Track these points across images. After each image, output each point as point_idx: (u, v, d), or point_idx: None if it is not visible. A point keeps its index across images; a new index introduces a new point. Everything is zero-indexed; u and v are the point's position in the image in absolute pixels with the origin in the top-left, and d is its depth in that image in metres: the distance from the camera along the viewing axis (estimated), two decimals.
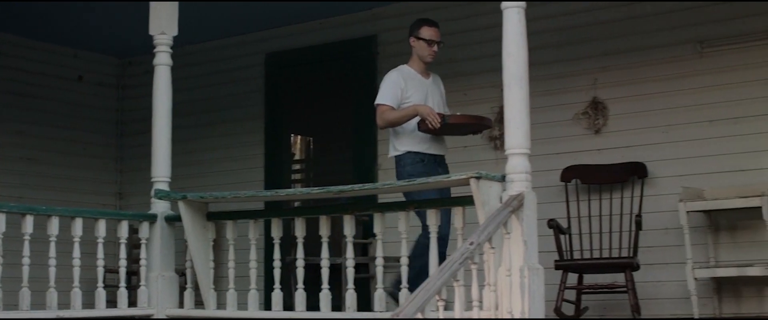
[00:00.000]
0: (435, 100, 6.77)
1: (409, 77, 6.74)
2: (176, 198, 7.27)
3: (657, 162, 7.87)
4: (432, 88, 6.82)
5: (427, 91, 6.75)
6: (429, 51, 6.77)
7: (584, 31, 8.30)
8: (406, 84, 6.69)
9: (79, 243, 7.18)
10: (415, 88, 6.70)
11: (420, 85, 6.76)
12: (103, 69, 11.05)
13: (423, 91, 6.73)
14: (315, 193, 6.66)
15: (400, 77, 6.71)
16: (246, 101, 10.19)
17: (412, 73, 6.81)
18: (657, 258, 7.76)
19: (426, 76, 6.85)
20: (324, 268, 6.72)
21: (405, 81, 6.69)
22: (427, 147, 6.70)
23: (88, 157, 10.84)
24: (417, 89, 6.71)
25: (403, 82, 6.69)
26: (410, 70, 6.82)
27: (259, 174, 10.01)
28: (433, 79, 6.94)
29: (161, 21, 7.59)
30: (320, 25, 9.71)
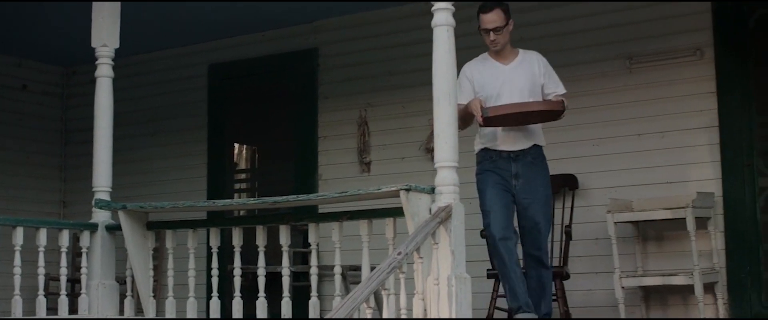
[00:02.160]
0: (517, 84, 6.19)
1: (482, 67, 6.28)
2: (116, 208, 7.40)
3: (588, 175, 8.10)
4: (515, 73, 6.23)
5: (506, 77, 6.21)
6: (488, 40, 6.22)
7: (519, 46, 8.46)
8: (478, 74, 6.26)
9: (20, 252, 7.28)
10: (490, 77, 6.22)
11: (496, 72, 6.24)
12: (47, 78, 11.10)
13: (499, 78, 6.21)
14: (251, 204, 6.82)
15: (468, 69, 6.30)
16: (189, 111, 10.30)
17: (488, 61, 6.31)
18: (587, 267, 7.99)
19: (506, 61, 6.27)
20: (260, 277, 6.87)
21: (475, 72, 6.27)
22: (496, 143, 6.23)
23: (32, 165, 10.87)
24: (493, 77, 6.22)
25: (472, 73, 6.27)
26: (486, 58, 6.33)
27: (202, 183, 10.13)
28: (521, 61, 6.30)
29: (103, 33, 7.71)
30: (263, 37, 9.85)
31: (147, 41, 10.01)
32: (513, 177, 6.19)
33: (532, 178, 6.20)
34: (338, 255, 6.55)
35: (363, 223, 6.38)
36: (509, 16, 6.24)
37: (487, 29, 6.20)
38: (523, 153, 6.23)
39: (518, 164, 6.21)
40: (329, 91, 9.48)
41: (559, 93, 6.26)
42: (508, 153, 6.22)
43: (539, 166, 6.26)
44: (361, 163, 9.22)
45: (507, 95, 6.13)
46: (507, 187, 6.17)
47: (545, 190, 6.24)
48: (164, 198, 9.28)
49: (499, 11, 6.18)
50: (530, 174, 6.22)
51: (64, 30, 9.53)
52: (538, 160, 6.28)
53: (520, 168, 6.20)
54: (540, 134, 6.32)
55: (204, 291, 7.54)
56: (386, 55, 9.10)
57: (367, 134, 9.21)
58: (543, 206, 6.19)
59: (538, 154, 6.29)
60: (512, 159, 6.21)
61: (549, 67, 6.32)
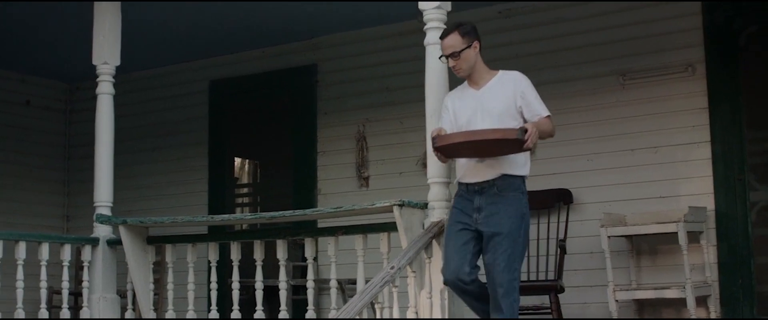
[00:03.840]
0: (490, 110, 5.58)
1: (461, 94, 5.74)
2: (117, 222, 7.53)
3: (582, 189, 8.20)
4: (487, 97, 5.62)
5: (478, 103, 5.62)
6: (449, 66, 5.75)
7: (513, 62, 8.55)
8: (457, 101, 5.72)
9: (23, 266, 7.40)
10: (462, 104, 5.68)
11: (468, 98, 5.68)
12: (50, 94, 11.21)
13: (471, 105, 5.63)
14: (248, 219, 6.96)
15: (448, 97, 5.83)
16: (190, 127, 10.42)
17: (466, 87, 5.75)
18: (581, 280, 8.08)
19: (478, 86, 5.67)
20: (258, 290, 7.00)
21: (455, 99, 5.74)
22: (464, 175, 5.68)
23: (36, 180, 10.98)
24: (465, 104, 5.67)
25: (452, 101, 5.76)
26: (464, 85, 5.78)
27: (203, 198, 10.23)
28: (495, 84, 5.68)
29: (104, 51, 7.85)
30: (263, 53, 9.97)
31: (149, 58, 10.14)
32: (474, 211, 5.55)
33: (496, 211, 5.50)
34: (334, 269, 6.67)
35: (358, 238, 6.50)
36: (473, 37, 5.65)
37: (445, 55, 5.69)
38: (489, 184, 5.55)
39: (482, 197, 5.55)
40: (328, 106, 9.60)
41: (542, 115, 5.59)
42: (473, 185, 5.60)
43: (506, 198, 5.52)
44: (359, 178, 9.33)
45: (480, 121, 5.54)
46: (467, 224, 5.56)
47: (510, 222, 5.49)
48: (166, 213, 9.40)
49: (455, 35, 5.63)
50: (493, 207, 5.51)
51: (66, 47, 9.65)
52: (505, 190, 5.54)
53: (483, 201, 5.53)
54: (512, 163, 5.57)
55: (204, 305, 7.65)
56: (384, 71, 9.21)
57: (366, 149, 9.31)
58: (504, 240, 5.45)
59: (506, 184, 5.54)
60: (476, 191, 5.58)
61: (529, 88, 5.64)
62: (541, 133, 5.51)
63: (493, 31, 8.71)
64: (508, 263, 5.44)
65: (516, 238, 5.47)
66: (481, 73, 5.67)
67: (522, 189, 5.57)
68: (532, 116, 5.56)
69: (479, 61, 5.65)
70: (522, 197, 5.55)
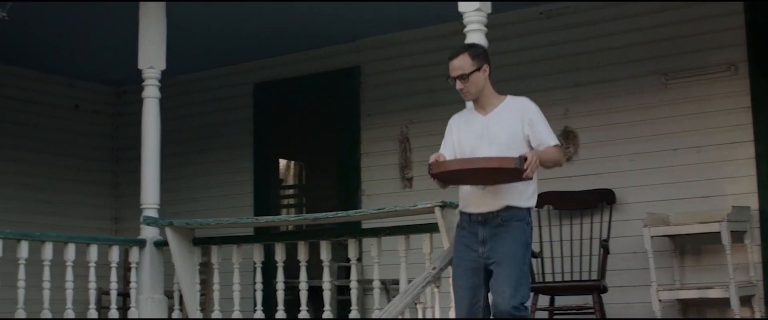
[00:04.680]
0: (495, 137, 5.28)
1: (466, 118, 5.49)
2: (163, 224, 7.64)
3: (625, 189, 8.21)
4: (493, 124, 5.32)
5: (483, 129, 5.33)
6: (457, 88, 5.42)
7: (555, 63, 8.66)
8: (462, 126, 5.47)
9: (72, 267, 7.54)
10: (467, 129, 5.41)
11: (475, 125, 5.38)
12: (98, 97, 11.36)
13: (477, 131, 5.35)
14: (292, 220, 7.04)
15: (452, 121, 5.57)
16: (235, 129, 10.53)
17: (472, 112, 5.49)
18: (625, 280, 8.09)
19: (485, 111, 5.37)
20: (302, 291, 7.08)
21: (461, 124, 5.48)
22: (466, 204, 5.41)
23: (85, 182, 11.12)
24: (470, 130, 5.39)
25: (457, 125, 5.50)
26: (470, 109, 5.53)
27: (248, 200, 10.33)
28: (502, 110, 5.37)
29: (149, 55, 7.97)
30: (306, 56, 10.06)
31: (194, 61, 10.26)
32: (480, 244, 5.27)
33: (499, 242, 5.22)
34: (377, 269, 6.74)
35: (401, 239, 6.56)
36: (483, 60, 5.36)
37: (453, 77, 5.38)
38: (492, 215, 5.25)
39: (486, 228, 5.26)
40: (371, 108, 9.67)
41: (549, 144, 5.26)
42: (477, 216, 5.30)
43: (510, 228, 5.22)
44: (403, 179, 9.38)
45: (484, 149, 5.24)
46: (475, 260, 5.29)
47: (513, 248, 5.19)
48: (212, 215, 9.52)
49: (465, 56, 5.33)
50: (497, 238, 5.22)
51: (113, 51, 9.78)
52: (509, 221, 5.24)
53: (487, 233, 5.25)
54: (517, 194, 5.25)
55: (250, 305, 7.74)
56: (427, 73, 9.26)
57: (409, 150, 9.37)
58: (508, 267, 5.17)
59: (510, 215, 5.24)
60: (480, 223, 5.28)
61: (537, 116, 5.32)
62: (546, 162, 5.20)
63: (535, 32, 8.78)
64: (515, 289, 5.17)
65: (520, 265, 5.18)
66: (489, 97, 5.36)
67: (527, 219, 5.27)
68: (538, 144, 5.24)
69: (488, 85, 5.35)
70: (526, 227, 5.26)
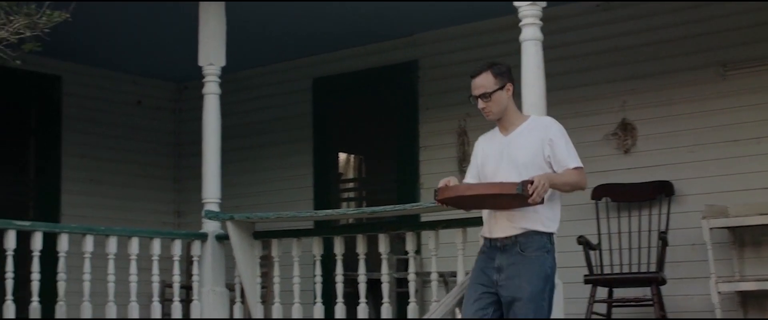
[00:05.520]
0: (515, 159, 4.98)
1: (490, 139, 5.21)
2: (224, 218, 7.78)
3: (683, 181, 8.19)
4: (514, 145, 5.03)
5: (504, 150, 5.05)
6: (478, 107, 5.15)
7: (613, 55, 8.65)
8: (485, 147, 5.19)
9: (136, 260, 7.71)
10: (490, 151, 5.14)
11: (497, 145, 5.11)
12: (160, 93, 11.52)
13: (497, 152, 5.08)
14: (351, 213, 7.12)
15: (478, 142, 5.30)
16: (295, 124, 10.64)
17: (493, 133, 5.23)
18: (684, 272, 8.06)
19: (507, 132, 5.10)
20: (361, 283, 7.18)
21: (485, 145, 5.21)
22: (485, 229, 5.12)
23: (148, 177, 11.29)
24: (493, 151, 5.12)
25: (481, 146, 5.24)
26: (495, 130, 5.24)
27: (308, 193, 10.43)
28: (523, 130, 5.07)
29: (209, 52, 8.11)
30: (364, 50, 10.14)
31: (253, 57, 10.38)
32: (495, 271, 4.95)
33: (517, 273, 4.89)
34: (435, 262, 6.81)
35: (458, 231, 6.63)
36: (507, 79, 5.08)
37: (474, 95, 5.10)
38: (511, 241, 4.93)
39: (503, 255, 4.94)
40: (429, 102, 9.72)
41: (569, 167, 4.95)
42: (495, 241, 4.99)
43: (529, 258, 4.90)
44: (461, 172, 9.42)
45: (504, 171, 4.96)
46: (487, 286, 4.98)
47: (532, 286, 4.86)
48: (272, 208, 9.61)
49: (488, 75, 5.06)
50: (514, 268, 4.89)
51: (175, 48, 9.93)
52: (529, 249, 4.91)
53: (504, 261, 4.92)
54: (538, 218, 4.93)
55: (310, 298, 7.85)
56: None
57: (467, 143, 9.40)
58: (525, 306, 4.85)
59: (530, 242, 4.91)
60: (498, 248, 4.97)
61: (559, 136, 5.01)
62: (560, 186, 4.89)
63: (592, 24, 8.78)
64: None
65: (539, 303, 4.86)
66: (512, 117, 5.08)
67: (547, 247, 4.93)
68: (558, 166, 4.94)
69: (511, 104, 5.08)
70: (547, 257, 4.92)
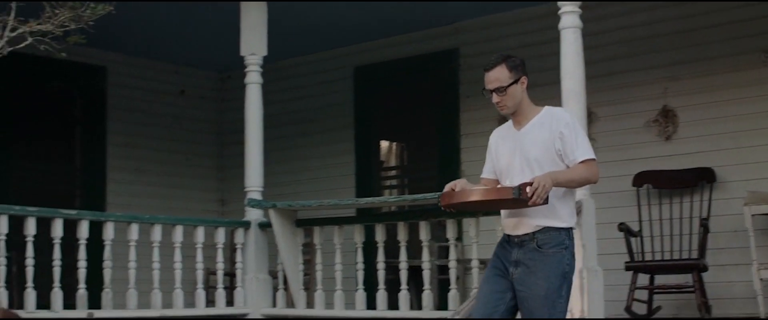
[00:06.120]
0: (527, 154, 4.86)
1: (503, 133, 5.07)
2: (267, 206, 7.86)
3: (725, 167, 8.16)
4: (526, 140, 4.90)
5: (516, 145, 4.93)
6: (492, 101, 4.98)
7: (654, 41, 8.63)
8: (499, 143, 5.05)
9: (180, 248, 7.81)
10: (504, 146, 5.01)
11: (509, 139, 4.99)
12: (203, 83, 11.62)
13: (510, 147, 4.96)
14: (392, 201, 7.18)
15: (492, 137, 5.15)
16: (336, 112, 10.70)
17: (507, 127, 5.07)
18: (725, 259, 8.05)
19: (520, 126, 4.95)
20: (402, 270, 7.24)
21: (498, 140, 5.07)
22: (504, 225, 5.00)
23: (192, 166, 11.40)
24: (506, 147, 5.00)
25: (494, 142, 5.10)
26: (509, 124, 5.07)
27: (350, 181, 10.50)
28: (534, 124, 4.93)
29: (251, 42, 8.19)
30: (405, 39, 10.17)
31: (295, 46, 10.44)
32: (512, 264, 4.85)
33: (533, 269, 4.77)
34: (475, 249, 6.85)
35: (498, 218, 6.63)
36: (521, 72, 4.91)
37: (489, 89, 4.93)
38: (529, 238, 4.82)
39: (521, 250, 4.84)
40: (470, 89, 9.73)
41: (578, 160, 4.79)
42: (513, 237, 4.88)
43: (546, 254, 4.79)
44: None
45: (518, 168, 4.86)
46: (503, 273, 4.89)
47: (548, 283, 4.76)
48: (314, 196, 9.69)
49: (503, 68, 4.89)
50: (532, 264, 4.78)
51: (217, 38, 10.01)
52: (547, 246, 4.79)
53: (522, 255, 4.82)
54: (554, 213, 4.81)
55: (352, 284, 7.92)
56: (523, 54, 9.15)
57: None
58: (542, 304, 4.77)
59: (547, 239, 4.79)
60: (516, 244, 4.86)
61: (569, 128, 4.84)
62: (566, 182, 4.75)
63: (632, 11, 8.76)
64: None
65: (555, 300, 4.77)
66: (526, 111, 4.91)
67: (565, 243, 4.81)
68: (568, 161, 4.80)
69: (525, 98, 4.91)
70: (565, 253, 4.80)
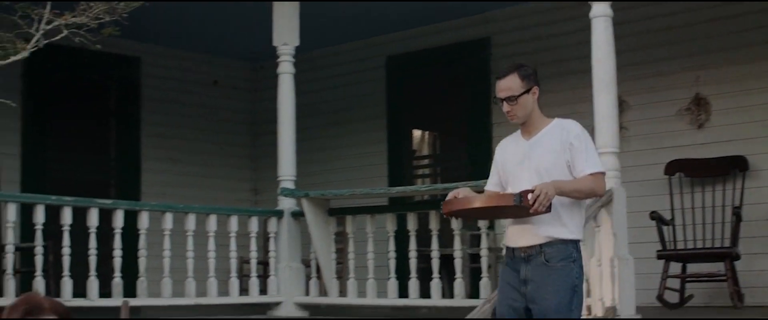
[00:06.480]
0: (536, 164, 4.71)
1: (508, 144, 4.93)
2: (299, 195, 7.92)
3: (758, 156, 8.14)
4: (535, 150, 4.76)
5: (525, 155, 4.77)
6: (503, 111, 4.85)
7: (686, 30, 8.60)
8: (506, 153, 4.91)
9: (214, 237, 7.89)
10: (511, 156, 4.86)
11: (518, 150, 4.83)
12: (236, 73, 11.69)
13: (519, 157, 4.80)
14: (423, 190, 7.22)
15: (498, 147, 5.02)
16: (369, 101, 10.74)
17: (515, 136, 4.92)
18: (758, 248, 8.04)
19: (529, 136, 4.81)
20: (434, 259, 7.28)
21: (505, 150, 4.92)
22: (509, 238, 4.79)
23: (225, 156, 11.48)
24: (514, 156, 4.85)
25: (501, 152, 4.97)
26: (517, 133, 4.92)
27: (383, 170, 10.54)
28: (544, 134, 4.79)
29: (283, 33, 8.24)
30: (437, 28, 10.19)
31: (327, 36, 10.48)
32: (522, 284, 4.65)
33: (541, 284, 4.60)
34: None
35: None
36: (533, 81, 4.79)
37: (500, 98, 4.79)
38: (536, 251, 4.62)
39: (528, 266, 4.63)
40: None
41: (586, 172, 4.66)
42: (519, 251, 4.67)
43: (554, 268, 4.60)
44: None
45: (526, 178, 4.67)
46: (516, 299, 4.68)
47: (558, 297, 4.59)
48: (347, 186, 9.74)
49: (515, 77, 4.77)
50: (539, 278, 4.61)
51: (249, 28, 10.07)
52: (554, 259, 4.61)
53: (531, 271, 4.62)
54: (562, 225, 4.65)
55: (384, 273, 7.97)
56: (555, 43, 9.31)
57: None
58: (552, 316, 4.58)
59: (555, 252, 4.62)
60: (523, 259, 4.65)
61: (578, 139, 4.72)
62: (570, 193, 4.61)
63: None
64: None
65: (565, 314, 4.61)
66: (536, 121, 4.80)
67: (573, 257, 4.65)
68: (576, 172, 4.68)
69: (536, 108, 4.80)
70: (573, 267, 4.64)
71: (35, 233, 7.14)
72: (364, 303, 7.87)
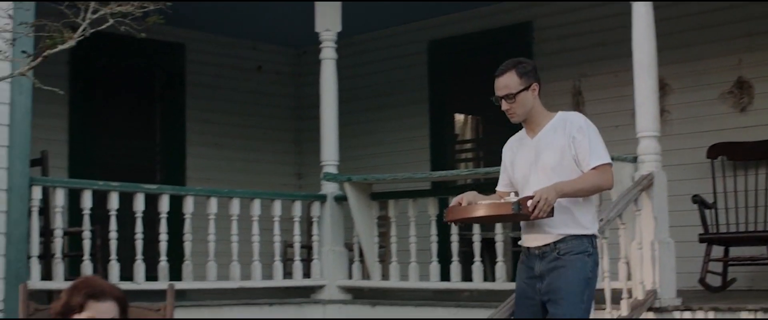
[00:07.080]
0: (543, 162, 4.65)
1: (517, 143, 4.84)
2: (342, 180, 8.00)
3: None
4: (541, 147, 4.69)
5: (532, 154, 4.71)
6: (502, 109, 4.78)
7: (729, 12, 8.56)
8: (514, 153, 4.83)
9: (258, 221, 7.98)
10: (519, 156, 4.79)
11: (525, 149, 4.76)
12: (279, 59, 11.75)
13: (527, 157, 4.73)
14: (464, 174, 7.26)
15: (506, 147, 4.93)
16: (411, 86, 10.78)
17: (520, 135, 4.85)
18: None
19: (533, 134, 4.74)
20: (476, 243, 7.32)
21: (513, 151, 4.84)
22: (523, 237, 4.76)
23: (269, 141, 11.57)
24: (521, 156, 4.78)
25: (509, 152, 4.88)
26: (523, 132, 4.84)
27: (425, 154, 10.59)
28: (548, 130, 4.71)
29: (326, 18, 8.31)
30: (479, 12, 10.21)
31: (369, 21, 10.53)
32: (537, 280, 4.64)
33: (556, 278, 4.57)
34: None
35: None
36: (532, 78, 4.70)
37: (498, 96, 4.74)
38: (550, 248, 4.60)
39: (543, 263, 4.61)
40: (544, 62, 9.68)
41: (590, 166, 4.60)
42: (534, 249, 4.65)
43: (568, 261, 4.57)
44: None
45: (535, 177, 4.63)
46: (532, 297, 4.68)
47: (570, 285, 4.56)
48: (389, 170, 9.80)
49: (512, 74, 4.69)
50: (555, 272, 4.58)
51: (293, 14, 10.13)
52: (568, 253, 4.58)
53: (544, 267, 4.61)
54: (576, 221, 4.62)
55: (427, 257, 8.03)
56: (598, 26, 9.30)
57: (582, 103, 9.44)
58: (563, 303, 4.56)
59: (569, 247, 4.58)
60: (538, 256, 4.64)
61: (581, 132, 4.64)
62: (575, 193, 4.55)
63: None
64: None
65: (576, 302, 4.57)
66: (538, 118, 4.71)
67: (589, 251, 4.61)
68: (582, 167, 4.61)
69: (537, 104, 4.70)
70: (587, 260, 4.61)
71: (83, 218, 7.27)
72: (407, 286, 7.94)
